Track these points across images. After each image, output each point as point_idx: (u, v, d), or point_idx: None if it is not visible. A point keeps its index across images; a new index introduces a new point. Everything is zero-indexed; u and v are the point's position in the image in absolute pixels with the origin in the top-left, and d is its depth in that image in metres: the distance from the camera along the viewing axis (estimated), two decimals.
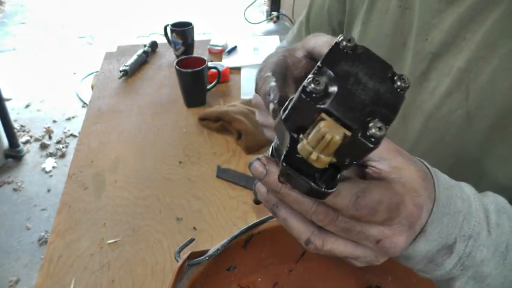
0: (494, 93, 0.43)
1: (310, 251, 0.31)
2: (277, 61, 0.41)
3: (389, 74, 0.27)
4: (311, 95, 0.24)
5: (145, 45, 1.42)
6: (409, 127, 0.52)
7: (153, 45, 1.45)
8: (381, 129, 0.24)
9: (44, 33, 3.75)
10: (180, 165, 0.96)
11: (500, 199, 0.36)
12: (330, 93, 0.25)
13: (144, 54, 1.37)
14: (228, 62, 1.37)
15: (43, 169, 2.26)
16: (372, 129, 0.24)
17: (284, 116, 0.26)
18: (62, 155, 2.36)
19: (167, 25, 1.35)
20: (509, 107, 0.43)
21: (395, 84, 0.27)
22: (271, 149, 0.33)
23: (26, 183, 2.17)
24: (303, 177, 0.27)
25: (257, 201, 0.36)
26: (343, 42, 0.27)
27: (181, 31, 1.33)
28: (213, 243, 0.57)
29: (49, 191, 2.13)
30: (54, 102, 2.81)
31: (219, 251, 0.48)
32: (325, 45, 0.39)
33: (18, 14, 4.12)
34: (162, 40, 1.46)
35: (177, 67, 1.10)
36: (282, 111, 0.27)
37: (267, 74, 0.39)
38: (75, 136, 2.46)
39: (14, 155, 2.30)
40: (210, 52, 1.46)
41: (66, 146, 2.43)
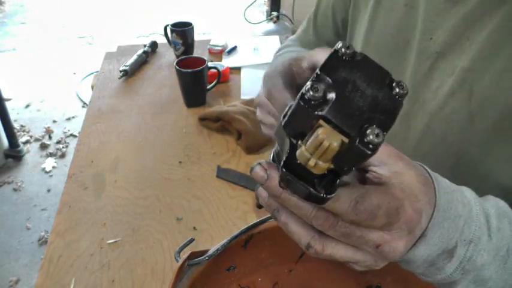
0: (498, 93, 0.43)
1: (311, 255, 0.32)
2: (284, 68, 0.42)
3: (388, 81, 0.27)
4: (309, 102, 0.25)
5: (145, 45, 1.42)
6: (412, 127, 0.52)
7: (153, 45, 1.45)
8: (378, 135, 0.24)
9: (44, 33, 3.75)
10: (180, 165, 0.96)
11: (501, 203, 0.36)
12: (328, 100, 0.25)
13: (144, 54, 1.37)
14: (228, 62, 1.37)
15: (43, 169, 2.25)
16: (370, 136, 0.24)
17: (283, 122, 0.27)
18: (62, 155, 2.36)
19: (167, 25, 1.35)
20: None
21: (393, 91, 0.27)
22: (273, 154, 0.33)
23: (26, 183, 2.17)
24: (302, 183, 0.27)
25: (259, 206, 0.36)
26: (342, 49, 0.27)
27: (181, 31, 1.33)
28: (213, 243, 0.57)
29: (49, 191, 2.13)
30: (54, 102, 2.81)
31: (219, 251, 0.48)
32: None
33: (18, 14, 4.12)
34: (162, 40, 1.46)
35: (177, 67, 1.10)
36: (281, 117, 0.27)
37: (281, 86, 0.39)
38: (75, 136, 2.46)
39: (14, 155, 2.30)
40: (210, 52, 1.46)
41: (66, 146, 2.43)
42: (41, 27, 3.85)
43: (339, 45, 0.27)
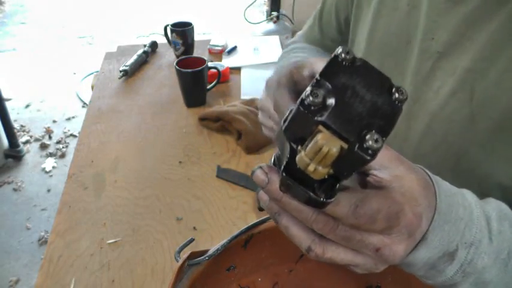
0: (499, 94, 0.43)
1: (311, 258, 0.32)
2: (286, 75, 0.43)
3: (388, 86, 0.27)
4: (309, 107, 0.25)
5: (145, 45, 1.42)
6: (413, 126, 0.52)
7: (153, 45, 1.45)
8: (377, 141, 0.24)
9: (44, 33, 3.75)
10: (180, 165, 0.96)
11: (503, 206, 0.37)
12: (328, 105, 0.25)
13: (144, 54, 1.37)
14: (228, 62, 1.37)
15: (43, 169, 2.26)
16: (369, 142, 0.24)
17: (284, 127, 0.27)
18: (62, 155, 2.36)
19: (167, 25, 1.35)
20: None
21: (393, 96, 0.27)
22: (274, 157, 0.34)
23: (26, 183, 2.17)
24: (302, 188, 0.27)
25: (260, 208, 0.37)
26: (342, 55, 0.27)
27: (181, 31, 1.33)
28: (213, 243, 0.57)
29: (49, 191, 2.13)
30: (54, 102, 2.81)
31: (219, 251, 0.48)
32: None
33: (18, 14, 4.12)
34: (162, 40, 1.46)
35: (177, 67, 1.09)
36: (282, 122, 0.27)
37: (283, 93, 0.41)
38: (75, 136, 2.46)
39: (14, 155, 2.30)
40: (210, 52, 1.46)
41: (66, 146, 2.43)
42: (41, 27, 3.85)
43: (339, 50, 0.27)
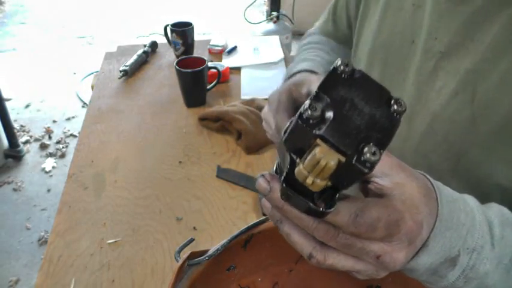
0: (501, 96, 0.43)
1: (313, 264, 0.32)
2: (285, 91, 0.48)
3: (386, 98, 0.27)
4: (307, 121, 0.25)
5: (145, 45, 1.42)
6: (414, 126, 0.52)
7: (153, 45, 1.45)
8: (375, 154, 0.25)
9: (44, 33, 3.75)
10: (180, 165, 0.96)
11: (505, 211, 0.37)
12: (326, 118, 0.25)
13: (144, 54, 1.37)
14: (228, 62, 1.37)
15: (43, 169, 2.25)
16: (367, 154, 0.25)
17: (283, 139, 0.27)
18: (62, 155, 2.36)
19: (167, 25, 1.35)
20: None
21: (391, 108, 0.27)
22: (276, 165, 0.34)
23: (26, 183, 2.17)
24: (302, 198, 0.27)
25: (265, 214, 0.37)
26: (341, 67, 0.27)
27: (181, 31, 1.33)
28: (213, 243, 0.57)
29: (49, 191, 2.13)
30: (54, 102, 2.81)
31: (219, 251, 0.48)
32: None
33: (18, 14, 4.12)
34: (162, 40, 1.46)
35: (177, 67, 1.09)
36: (282, 133, 0.28)
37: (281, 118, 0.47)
38: (75, 136, 2.46)
39: (14, 155, 2.30)
40: (210, 52, 1.46)
41: (66, 146, 2.43)
42: (41, 27, 3.85)
43: (338, 62, 0.27)
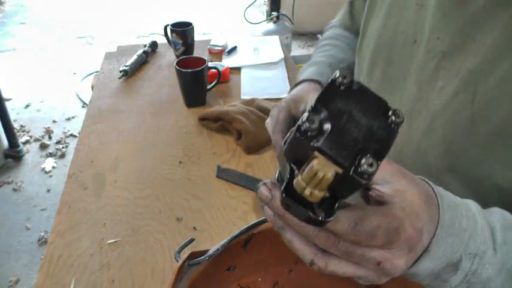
0: (501, 97, 0.43)
1: (314, 270, 0.33)
2: (284, 108, 0.53)
3: (384, 109, 0.28)
4: (305, 133, 0.26)
5: (145, 45, 1.42)
6: (415, 125, 0.52)
7: (153, 45, 1.45)
8: (372, 165, 0.25)
9: (44, 33, 3.75)
10: (180, 165, 0.96)
11: (507, 215, 0.37)
12: (324, 130, 0.26)
13: (144, 54, 1.37)
14: (228, 62, 1.37)
15: (43, 169, 2.25)
16: (364, 166, 0.25)
17: (283, 149, 0.28)
18: (62, 155, 2.36)
19: (167, 25, 1.35)
20: None
21: (389, 119, 0.27)
22: (277, 174, 0.35)
23: (25, 183, 2.17)
24: (301, 208, 0.28)
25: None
26: (339, 79, 0.27)
27: (181, 31, 1.33)
28: (213, 243, 0.57)
29: (49, 191, 2.13)
30: (54, 102, 2.81)
31: (219, 251, 0.48)
32: None
33: (18, 14, 4.12)
34: (162, 40, 1.46)
35: (177, 67, 1.09)
36: (282, 143, 0.28)
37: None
38: (75, 136, 2.46)
39: (14, 155, 2.30)
40: (210, 52, 1.46)
41: (66, 146, 2.43)
42: (41, 27, 3.85)
43: (336, 74, 0.28)
